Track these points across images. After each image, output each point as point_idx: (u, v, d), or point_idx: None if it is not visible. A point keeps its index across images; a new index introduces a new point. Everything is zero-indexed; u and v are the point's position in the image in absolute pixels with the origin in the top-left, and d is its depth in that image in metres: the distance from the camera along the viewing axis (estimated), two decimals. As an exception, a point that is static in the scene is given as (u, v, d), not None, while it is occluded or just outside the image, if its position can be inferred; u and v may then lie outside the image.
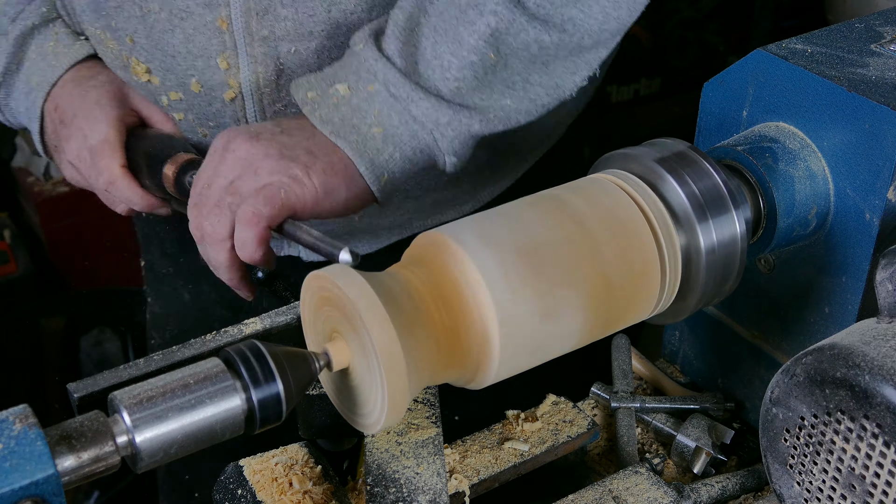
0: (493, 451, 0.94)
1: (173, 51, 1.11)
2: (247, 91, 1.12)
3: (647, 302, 0.83)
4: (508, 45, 1.00)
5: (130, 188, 1.13)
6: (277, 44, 1.09)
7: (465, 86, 1.00)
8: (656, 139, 0.89)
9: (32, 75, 1.17)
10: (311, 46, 1.09)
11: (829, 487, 0.74)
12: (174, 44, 1.10)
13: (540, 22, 1.00)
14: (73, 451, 0.67)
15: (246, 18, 1.07)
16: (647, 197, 0.83)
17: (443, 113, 1.00)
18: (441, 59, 1.00)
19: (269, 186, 0.96)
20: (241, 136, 0.99)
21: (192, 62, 1.11)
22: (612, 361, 1.09)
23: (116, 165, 1.12)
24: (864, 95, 0.85)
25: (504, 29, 0.99)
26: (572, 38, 1.02)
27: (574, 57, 1.05)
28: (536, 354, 0.79)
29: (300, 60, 1.10)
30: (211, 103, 1.14)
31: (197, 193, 1.00)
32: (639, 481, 0.92)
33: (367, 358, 0.73)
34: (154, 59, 1.13)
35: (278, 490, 0.87)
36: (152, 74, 1.14)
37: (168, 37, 1.10)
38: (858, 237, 0.88)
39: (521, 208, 0.82)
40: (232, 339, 0.86)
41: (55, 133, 1.18)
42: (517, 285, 0.76)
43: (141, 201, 1.14)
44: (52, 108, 1.17)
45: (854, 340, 0.73)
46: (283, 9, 1.06)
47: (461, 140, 1.03)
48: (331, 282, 0.74)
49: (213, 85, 1.12)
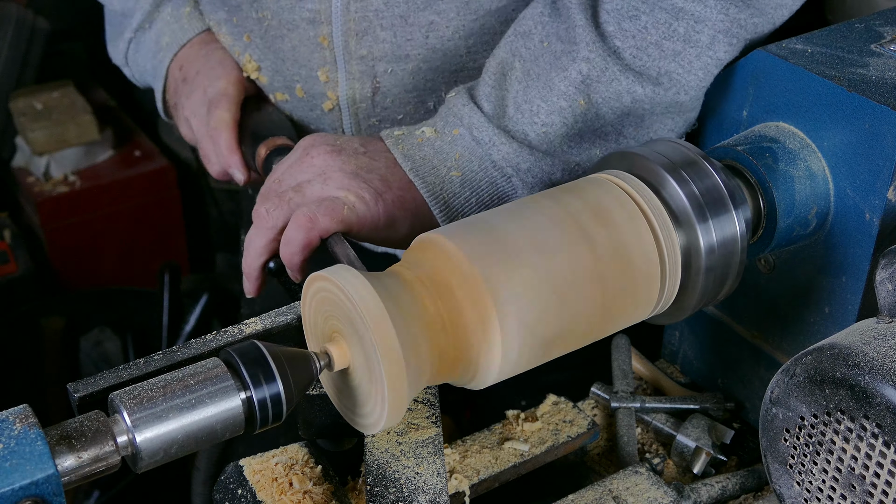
0: (493, 451, 0.94)
1: (283, 55, 1.16)
2: (343, 104, 1.15)
3: (647, 302, 0.83)
4: (600, 93, 0.98)
5: (229, 141, 1.15)
6: (375, 63, 1.12)
7: (553, 132, 0.99)
8: (656, 139, 0.89)
9: (163, 35, 1.23)
10: (408, 68, 1.12)
11: (829, 487, 0.74)
12: (284, 49, 1.15)
13: (634, 73, 0.97)
14: (73, 451, 0.67)
15: (345, 38, 1.11)
16: (647, 197, 0.83)
17: (524, 159, 0.99)
18: (531, 103, 0.99)
19: (335, 199, 0.96)
20: (323, 144, 1.01)
21: (297, 69, 1.16)
22: (612, 361, 1.09)
23: (228, 116, 1.16)
24: (864, 95, 0.85)
25: (596, 77, 0.97)
26: (668, 92, 0.98)
27: (672, 114, 1.01)
28: (537, 355, 0.79)
29: (396, 80, 1.13)
30: (312, 109, 1.18)
31: (268, 185, 1.02)
32: (639, 481, 0.92)
33: (367, 358, 0.73)
34: (266, 60, 1.18)
35: (278, 490, 0.87)
36: (262, 73, 1.19)
37: (279, 42, 1.15)
38: (858, 237, 0.88)
39: (522, 208, 0.82)
40: (232, 339, 0.86)
41: (176, 91, 1.23)
42: (518, 286, 0.76)
43: (231, 158, 1.16)
44: (176, 68, 1.23)
45: (854, 340, 0.73)
46: (382, 31, 1.10)
47: (540, 188, 1.01)
48: (331, 282, 0.74)
49: (315, 94, 1.17)
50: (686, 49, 0.96)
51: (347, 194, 0.97)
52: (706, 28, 0.96)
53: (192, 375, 0.72)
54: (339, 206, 0.96)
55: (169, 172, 2.72)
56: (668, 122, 1.01)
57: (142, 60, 1.26)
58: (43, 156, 2.60)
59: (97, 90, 2.88)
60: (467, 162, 1.00)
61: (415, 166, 1.00)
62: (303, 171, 0.99)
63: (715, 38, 0.96)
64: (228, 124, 1.15)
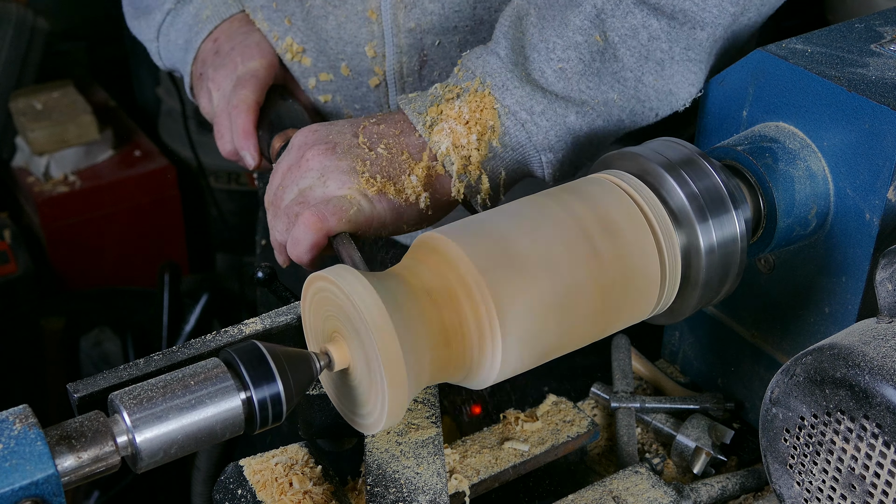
0: (493, 451, 0.94)
1: (326, 35, 1.16)
2: (391, 79, 1.16)
3: (647, 302, 0.83)
4: (615, 29, 0.98)
5: (247, 124, 1.14)
6: (423, 36, 1.13)
7: (570, 68, 0.98)
8: (656, 139, 0.89)
9: (204, 9, 1.23)
10: (455, 40, 1.13)
11: (829, 487, 0.74)
12: (327, 29, 1.16)
13: (649, 7, 0.97)
14: (73, 451, 0.67)
15: (394, 10, 1.12)
16: (647, 197, 0.83)
17: (537, 101, 0.98)
18: (547, 41, 0.99)
19: (341, 199, 0.96)
20: (317, 145, 1.00)
21: (342, 47, 1.16)
22: (612, 361, 1.09)
23: (252, 97, 1.15)
24: (864, 95, 0.85)
25: (610, 11, 0.98)
26: (683, 27, 0.98)
27: (691, 60, 1.00)
28: (538, 356, 0.79)
29: (443, 53, 1.13)
30: (358, 87, 1.19)
31: (272, 191, 1.02)
32: (639, 481, 0.92)
33: (367, 358, 0.73)
34: (309, 41, 1.18)
35: (278, 490, 0.87)
36: (305, 55, 1.19)
37: (322, 22, 1.16)
38: (858, 237, 0.88)
39: (522, 209, 0.82)
40: (232, 339, 0.86)
41: (204, 62, 1.22)
42: (524, 306, 0.76)
43: (245, 141, 1.15)
44: (210, 41, 1.23)
45: (854, 340, 0.73)
46: (430, 3, 1.11)
47: (556, 133, 0.99)
48: (331, 282, 0.74)
49: (361, 71, 1.17)
50: None
51: (350, 193, 0.97)
52: None
53: (192, 375, 0.72)
54: (347, 205, 0.96)
55: (169, 172, 2.72)
56: (688, 73, 1.00)
57: (175, 34, 1.26)
58: (43, 156, 2.60)
59: (97, 90, 2.88)
60: None
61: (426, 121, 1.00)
62: (302, 177, 0.99)
63: None
64: (251, 106, 1.14)
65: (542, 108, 0.98)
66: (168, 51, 1.28)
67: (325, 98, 1.21)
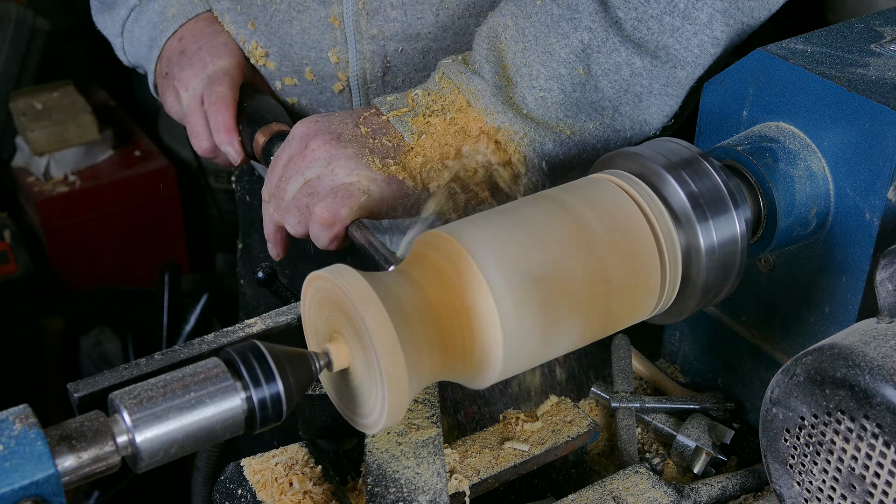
0: (493, 451, 0.94)
1: (291, 40, 1.16)
2: (354, 85, 1.16)
3: (647, 302, 0.83)
4: (600, 63, 0.99)
5: (228, 120, 1.14)
6: (385, 42, 1.13)
7: (551, 98, 1.00)
8: (656, 139, 0.89)
9: (169, 7, 1.22)
10: (418, 47, 1.13)
11: (829, 487, 0.74)
12: (292, 34, 1.15)
13: (634, 45, 0.99)
14: (73, 451, 0.67)
15: (356, 17, 1.12)
16: (648, 197, 0.83)
17: (518, 128, 1.00)
18: (530, 67, 1.00)
19: (349, 186, 0.97)
20: (321, 135, 1.00)
21: (306, 52, 1.16)
22: (612, 361, 1.09)
23: (229, 94, 1.15)
24: (864, 95, 0.85)
25: (597, 47, 0.99)
26: (664, 66, 1.00)
27: (668, 95, 1.03)
28: (539, 356, 0.79)
29: (406, 59, 1.14)
30: (322, 92, 1.19)
31: (273, 183, 1.02)
32: (639, 481, 0.92)
33: (367, 358, 0.73)
34: (272, 45, 1.18)
35: (278, 490, 0.87)
36: (269, 59, 1.19)
37: (286, 27, 1.15)
38: (858, 237, 0.88)
39: (522, 209, 0.82)
40: (232, 339, 0.86)
41: (170, 61, 1.22)
42: (519, 287, 0.76)
43: (228, 136, 1.14)
44: (175, 39, 1.22)
45: (854, 340, 0.73)
46: (393, 10, 1.11)
47: (530, 157, 1.01)
48: (331, 282, 0.74)
49: (325, 76, 1.17)
50: (685, 25, 0.99)
51: (359, 179, 0.97)
52: (705, 6, 0.98)
53: (192, 375, 0.72)
54: (356, 192, 0.96)
55: (169, 172, 2.72)
56: (664, 105, 1.03)
57: (139, 31, 1.25)
58: (43, 156, 2.60)
59: (97, 90, 2.89)
60: None
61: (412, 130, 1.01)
62: (308, 167, 0.99)
63: (713, 16, 0.99)
64: (228, 102, 1.14)
65: (522, 135, 1.00)
66: (132, 47, 1.27)
67: (291, 101, 1.22)
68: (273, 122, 1.13)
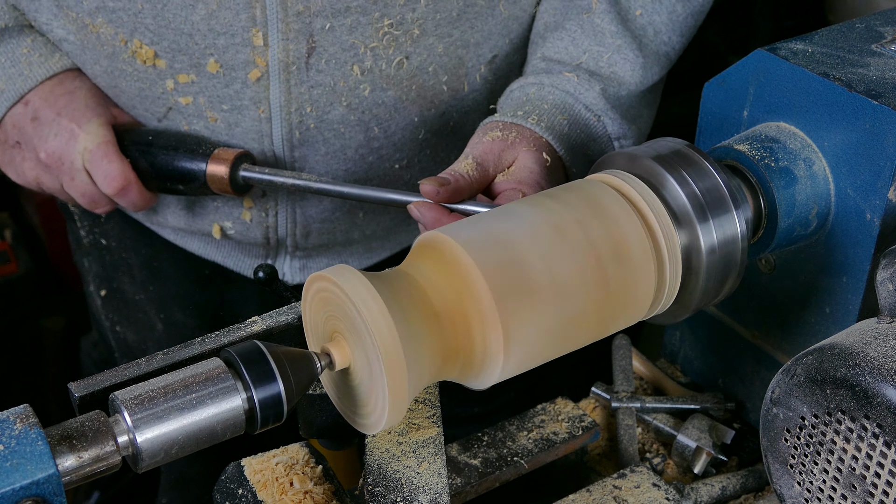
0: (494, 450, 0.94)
1: (190, 29, 1.07)
2: (274, 70, 1.08)
3: (647, 302, 0.83)
4: None
5: (142, 191, 1.14)
6: (312, 20, 1.06)
7: None
8: (657, 139, 0.89)
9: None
10: (346, 23, 1.06)
11: (830, 487, 0.74)
12: (193, 21, 1.06)
13: None
14: (73, 451, 0.67)
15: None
16: (648, 197, 0.83)
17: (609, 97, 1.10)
18: None
19: None
20: None
21: (212, 40, 1.07)
22: (613, 361, 1.09)
23: (129, 169, 1.12)
24: (865, 95, 0.85)
25: None
26: None
27: None
28: (540, 356, 0.79)
29: (334, 38, 1.07)
30: (229, 84, 1.11)
31: None
32: (639, 481, 0.92)
33: (368, 358, 0.73)
34: (163, 40, 1.09)
35: (279, 490, 0.87)
36: (158, 58, 1.10)
37: (186, 13, 1.06)
38: (859, 237, 0.88)
39: (522, 209, 0.82)
40: (232, 339, 0.86)
41: (20, 130, 1.14)
42: (529, 316, 0.76)
43: (147, 203, 1.15)
44: (21, 104, 1.14)
45: (855, 340, 0.73)
46: None
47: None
48: (332, 282, 0.74)
49: (235, 65, 1.09)
50: None
51: None
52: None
53: (192, 375, 0.72)
54: None
55: (169, 172, 2.71)
56: None
57: None
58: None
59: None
60: None
61: None
62: None
63: None
64: (133, 176, 1.12)
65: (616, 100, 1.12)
66: None
67: (185, 101, 1.13)
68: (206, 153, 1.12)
